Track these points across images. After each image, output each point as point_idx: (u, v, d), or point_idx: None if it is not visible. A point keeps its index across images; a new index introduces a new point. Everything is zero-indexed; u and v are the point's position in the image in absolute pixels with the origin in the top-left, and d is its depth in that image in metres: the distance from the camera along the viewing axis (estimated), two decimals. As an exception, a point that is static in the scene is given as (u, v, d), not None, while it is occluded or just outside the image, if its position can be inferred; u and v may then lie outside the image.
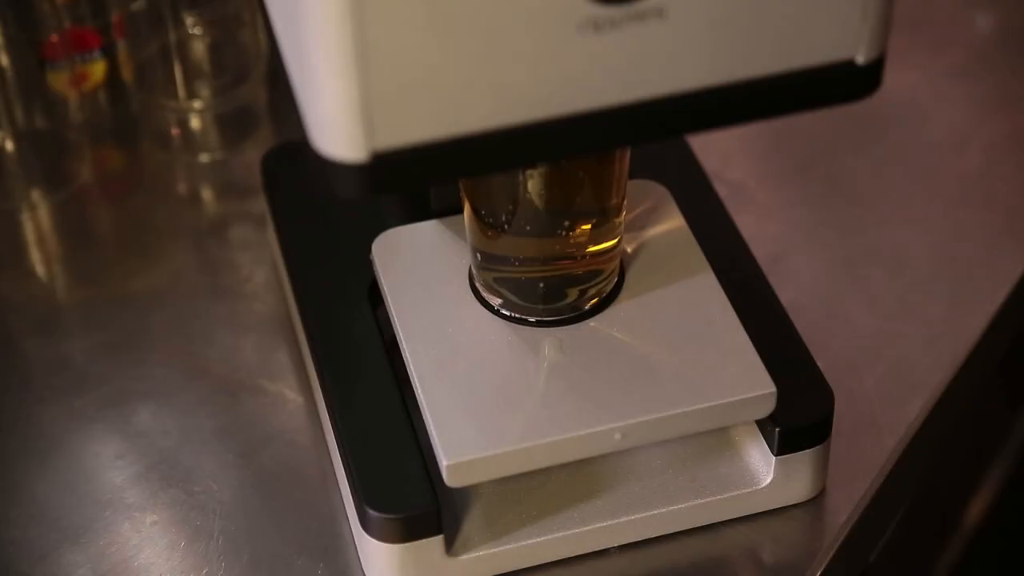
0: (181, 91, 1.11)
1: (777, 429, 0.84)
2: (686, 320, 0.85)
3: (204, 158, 1.11)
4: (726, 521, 0.86)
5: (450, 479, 0.79)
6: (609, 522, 0.84)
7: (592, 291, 0.85)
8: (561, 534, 0.83)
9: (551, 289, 0.84)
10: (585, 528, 0.84)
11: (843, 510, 0.87)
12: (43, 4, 1.05)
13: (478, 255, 0.85)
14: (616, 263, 0.86)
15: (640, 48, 0.67)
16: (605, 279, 0.86)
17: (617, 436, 0.80)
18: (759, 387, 0.82)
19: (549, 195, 0.81)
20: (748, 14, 0.67)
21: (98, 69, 1.10)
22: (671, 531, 0.85)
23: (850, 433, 0.90)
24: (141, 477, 0.90)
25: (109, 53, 1.10)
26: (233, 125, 1.12)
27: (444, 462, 0.79)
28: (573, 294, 0.85)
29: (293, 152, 0.99)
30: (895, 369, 0.95)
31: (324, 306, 0.90)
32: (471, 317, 0.85)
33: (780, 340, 0.87)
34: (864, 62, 0.70)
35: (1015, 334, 1.04)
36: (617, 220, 0.84)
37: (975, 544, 1.30)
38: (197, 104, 1.12)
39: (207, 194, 1.10)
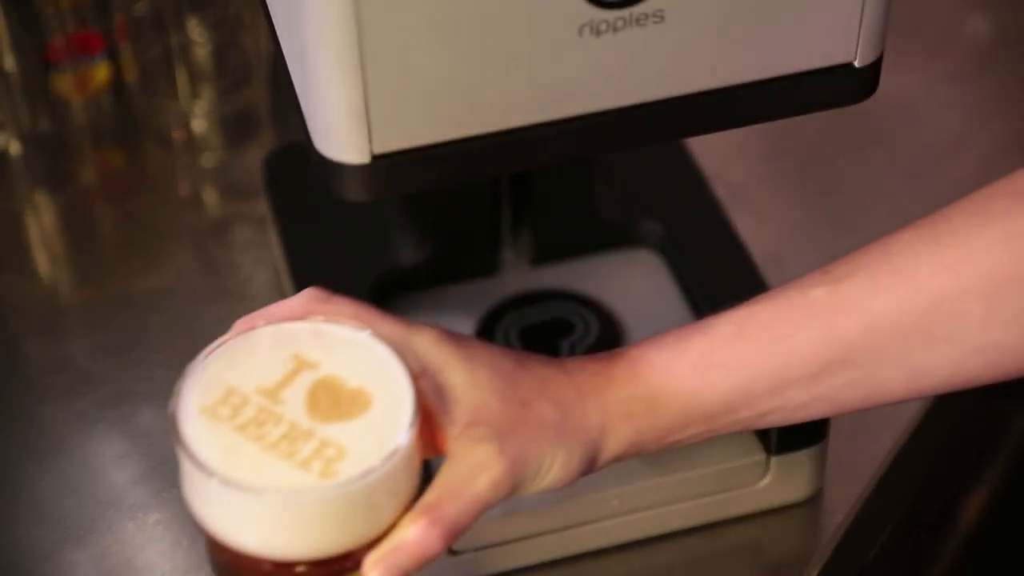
0: (184, 94, 1.12)
1: (775, 428, 0.84)
2: None
3: (206, 160, 1.11)
4: (724, 520, 0.86)
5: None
6: (609, 521, 0.84)
7: None
8: (561, 534, 0.84)
9: None
10: (585, 527, 0.84)
11: (840, 509, 0.87)
12: (47, 8, 1.05)
13: None
14: None
15: (639, 52, 0.67)
16: None
17: (615, 502, 0.83)
18: (751, 454, 0.84)
19: None
20: (746, 18, 0.68)
21: (102, 72, 1.11)
22: (670, 530, 0.86)
23: (848, 432, 0.90)
24: (144, 477, 0.90)
25: (113, 56, 1.11)
26: (235, 127, 1.13)
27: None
28: None
29: (295, 154, 0.99)
30: (893, 370, 0.95)
31: (326, 307, 0.90)
32: None
33: (778, 341, 0.88)
34: (861, 65, 0.71)
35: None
36: None
37: (973, 544, 1.30)
38: (199, 106, 1.12)
39: (209, 196, 1.10)
